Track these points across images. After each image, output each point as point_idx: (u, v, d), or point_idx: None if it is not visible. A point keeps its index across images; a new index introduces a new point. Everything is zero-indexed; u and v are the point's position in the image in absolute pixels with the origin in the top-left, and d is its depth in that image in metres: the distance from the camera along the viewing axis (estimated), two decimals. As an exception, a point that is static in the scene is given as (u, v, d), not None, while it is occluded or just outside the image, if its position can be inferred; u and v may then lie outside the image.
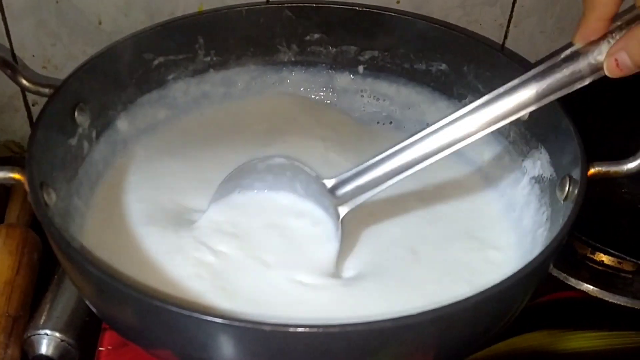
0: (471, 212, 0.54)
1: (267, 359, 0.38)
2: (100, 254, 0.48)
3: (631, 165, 0.46)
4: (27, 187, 0.43)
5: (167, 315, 0.36)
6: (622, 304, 0.56)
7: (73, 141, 0.52)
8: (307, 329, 0.35)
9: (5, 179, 0.44)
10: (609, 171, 0.46)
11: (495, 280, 0.38)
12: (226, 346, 0.37)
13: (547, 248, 0.41)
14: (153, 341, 0.41)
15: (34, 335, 0.53)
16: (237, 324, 0.35)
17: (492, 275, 0.41)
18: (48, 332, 0.53)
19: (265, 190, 0.52)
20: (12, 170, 0.44)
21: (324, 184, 0.49)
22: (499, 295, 0.38)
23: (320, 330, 0.35)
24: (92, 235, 0.51)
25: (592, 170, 0.46)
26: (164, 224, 0.51)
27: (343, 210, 0.49)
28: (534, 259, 0.40)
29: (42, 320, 0.53)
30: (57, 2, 0.60)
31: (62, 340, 0.53)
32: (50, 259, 0.57)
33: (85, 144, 0.54)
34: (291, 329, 0.35)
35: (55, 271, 0.57)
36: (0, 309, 0.53)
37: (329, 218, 0.50)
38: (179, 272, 0.48)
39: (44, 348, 0.53)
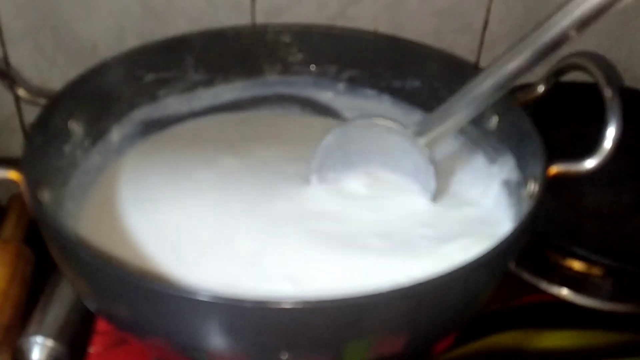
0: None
1: (251, 334, 0.40)
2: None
3: (589, 164, 0.48)
4: (22, 185, 0.45)
5: (155, 295, 0.38)
6: (591, 305, 0.58)
7: (67, 148, 0.54)
8: (286, 305, 0.37)
9: (1, 177, 0.46)
10: (568, 170, 0.48)
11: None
12: (211, 324, 0.39)
13: (506, 238, 0.43)
14: (145, 327, 0.43)
15: (26, 342, 0.54)
16: (219, 301, 0.37)
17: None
18: (40, 339, 0.54)
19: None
20: (8, 169, 0.46)
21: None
22: (463, 276, 0.41)
23: (299, 306, 0.37)
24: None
25: (553, 169, 0.48)
26: (156, 232, 0.53)
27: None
28: (495, 247, 0.42)
29: (34, 328, 0.55)
30: (53, 27, 0.63)
31: (53, 347, 0.54)
32: (43, 273, 0.60)
33: (79, 152, 0.56)
34: (271, 305, 0.37)
35: (47, 283, 0.58)
36: (-6, 318, 0.54)
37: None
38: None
39: (36, 355, 0.54)
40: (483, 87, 0.51)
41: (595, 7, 0.44)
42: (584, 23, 0.45)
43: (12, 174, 0.45)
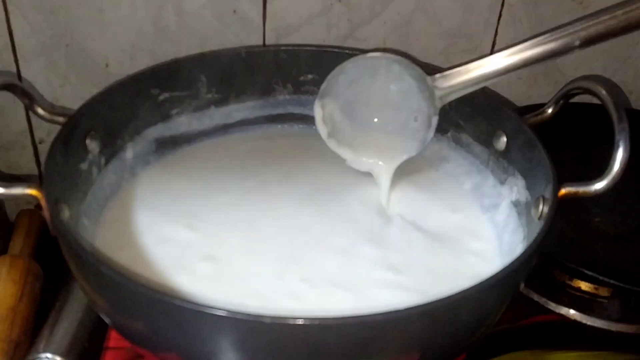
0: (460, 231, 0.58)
1: (266, 350, 0.40)
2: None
3: (598, 186, 0.49)
4: (43, 202, 0.46)
5: (174, 310, 0.39)
6: (598, 326, 0.58)
7: (84, 166, 0.55)
8: (305, 322, 0.38)
9: (22, 194, 0.46)
10: (578, 191, 0.49)
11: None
12: (228, 339, 0.40)
13: (518, 258, 0.44)
14: (161, 342, 0.43)
15: (35, 359, 0.54)
16: (238, 316, 0.38)
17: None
18: (49, 355, 0.54)
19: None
20: (29, 187, 0.46)
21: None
22: (475, 296, 0.42)
23: (316, 322, 0.38)
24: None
25: (562, 191, 0.49)
26: (171, 249, 0.54)
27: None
28: (507, 267, 0.43)
29: (42, 345, 0.55)
30: (67, 45, 0.64)
31: (62, 364, 0.53)
32: (51, 289, 0.60)
33: (95, 169, 0.56)
34: (290, 321, 0.38)
35: (56, 299, 0.59)
36: (3, 334, 0.55)
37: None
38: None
39: (45, 371, 0.53)
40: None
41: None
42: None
43: (33, 191, 0.46)
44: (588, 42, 0.52)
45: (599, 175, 0.49)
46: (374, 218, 0.58)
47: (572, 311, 0.59)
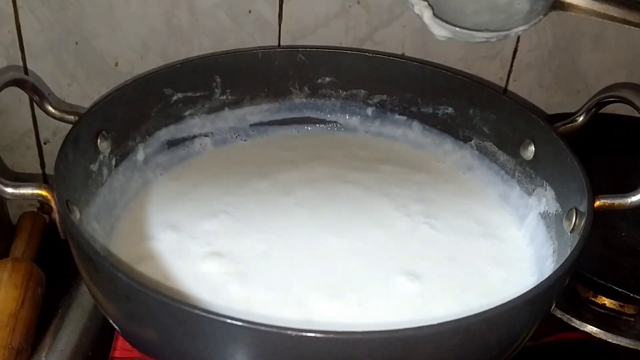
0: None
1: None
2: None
3: (635, 198, 0.47)
4: (53, 203, 0.44)
5: (192, 319, 0.37)
6: (625, 345, 0.57)
7: (94, 167, 0.53)
8: (331, 335, 0.36)
9: (32, 194, 0.45)
10: (613, 203, 0.48)
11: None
12: (247, 352, 0.38)
13: (555, 272, 0.43)
14: (175, 352, 0.42)
15: None
16: (261, 328, 0.36)
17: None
18: (51, 364, 0.52)
19: None
20: (39, 187, 0.45)
21: None
22: (512, 312, 0.40)
23: (344, 336, 0.36)
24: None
25: (597, 203, 0.48)
26: (182, 256, 0.52)
27: None
28: (547, 279, 0.41)
29: (44, 353, 0.53)
30: (76, 43, 0.62)
31: (65, 373, 0.52)
32: (54, 294, 0.59)
33: (105, 171, 0.55)
34: (316, 335, 0.36)
35: (59, 306, 0.57)
36: (3, 341, 0.53)
37: None
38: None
39: (47, 380, 0.52)
40: None
41: None
42: None
43: (43, 191, 0.44)
44: None
45: (628, 188, 0.48)
46: (395, 223, 0.57)
47: (596, 329, 0.57)
